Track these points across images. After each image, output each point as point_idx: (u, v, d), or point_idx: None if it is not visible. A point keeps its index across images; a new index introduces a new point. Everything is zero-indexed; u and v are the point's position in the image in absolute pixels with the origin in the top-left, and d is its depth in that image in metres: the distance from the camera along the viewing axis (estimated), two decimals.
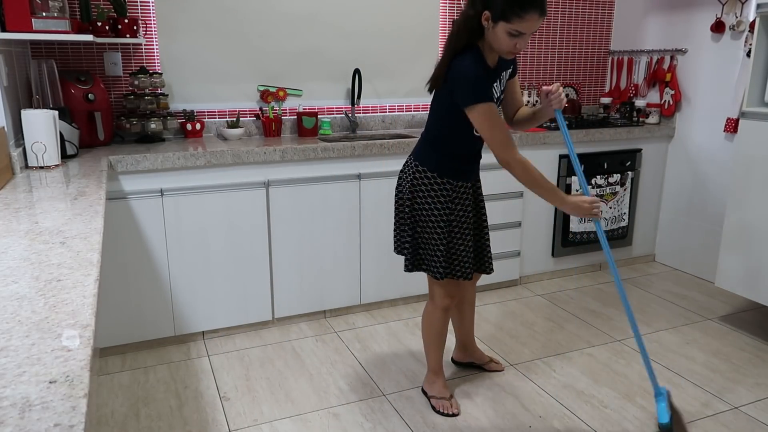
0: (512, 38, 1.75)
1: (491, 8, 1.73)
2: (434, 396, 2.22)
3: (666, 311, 3.10)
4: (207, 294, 2.68)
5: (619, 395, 2.31)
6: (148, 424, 2.11)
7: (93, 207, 1.61)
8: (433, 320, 2.17)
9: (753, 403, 2.26)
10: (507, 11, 1.70)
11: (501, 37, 1.76)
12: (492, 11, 1.73)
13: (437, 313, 2.15)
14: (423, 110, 3.55)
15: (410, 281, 3.09)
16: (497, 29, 1.75)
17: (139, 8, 2.84)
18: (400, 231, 2.12)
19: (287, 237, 2.77)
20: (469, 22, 1.80)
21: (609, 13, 3.92)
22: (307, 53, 3.20)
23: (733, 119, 3.23)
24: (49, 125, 2.14)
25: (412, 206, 2.02)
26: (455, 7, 3.47)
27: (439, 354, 2.23)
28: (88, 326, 0.89)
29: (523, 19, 1.70)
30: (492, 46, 1.82)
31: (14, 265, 1.15)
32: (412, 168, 2.03)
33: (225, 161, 2.58)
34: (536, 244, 3.40)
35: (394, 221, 2.15)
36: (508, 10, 1.70)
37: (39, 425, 0.66)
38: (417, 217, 2.02)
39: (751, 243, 2.70)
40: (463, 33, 1.81)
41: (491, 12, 1.74)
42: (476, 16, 1.78)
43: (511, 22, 1.71)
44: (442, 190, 1.99)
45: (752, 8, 3.09)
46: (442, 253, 2.01)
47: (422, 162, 2.00)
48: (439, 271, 2.03)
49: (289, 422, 2.13)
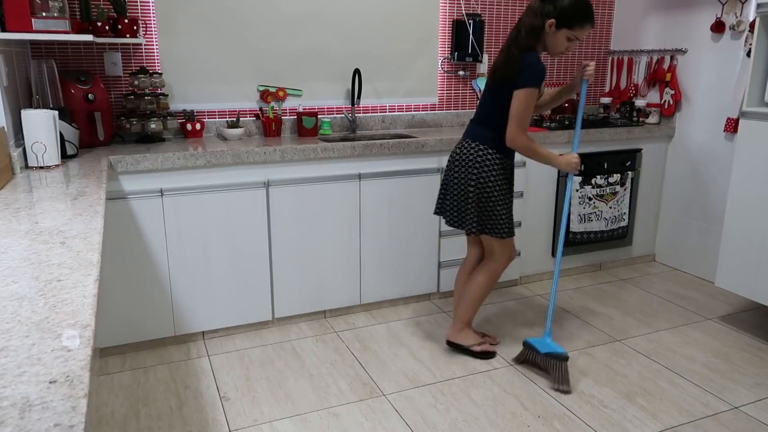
0: (568, 42, 2.26)
1: (557, 18, 2.21)
2: (473, 344, 2.59)
3: (666, 311, 3.10)
4: (207, 294, 2.68)
5: (619, 395, 2.31)
6: (148, 424, 2.11)
7: (93, 207, 1.61)
8: (494, 276, 2.53)
9: (753, 403, 2.26)
10: (573, 21, 2.21)
11: (560, 41, 2.25)
12: (557, 20, 2.21)
13: (500, 269, 2.52)
14: (423, 110, 3.55)
15: (410, 281, 3.10)
16: (559, 34, 2.23)
17: (139, 8, 2.84)
18: (461, 205, 2.44)
19: (287, 237, 2.77)
20: (535, 29, 2.25)
21: (609, 13, 3.92)
22: (307, 53, 3.20)
23: (733, 119, 3.23)
24: (49, 125, 2.14)
25: (478, 180, 2.37)
26: (455, 7, 3.47)
27: (477, 310, 2.60)
28: (88, 326, 0.89)
29: (583, 27, 2.23)
30: (547, 46, 2.29)
31: (14, 265, 1.15)
32: (473, 148, 2.38)
33: (225, 161, 2.58)
34: (536, 244, 3.40)
35: (451, 199, 2.46)
36: (573, 20, 2.21)
37: (39, 425, 0.66)
38: (483, 188, 2.37)
39: (751, 243, 2.70)
40: (531, 37, 2.25)
41: (557, 20, 2.21)
42: (540, 25, 2.23)
43: (573, 29, 2.22)
44: (501, 163, 2.38)
45: (752, 8, 3.09)
46: (505, 216, 2.41)
47: (483, 141, 2.37)
48: (505, 231, 2.42)
49: (289, 422, 2.14)
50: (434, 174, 3.00)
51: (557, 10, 2.20)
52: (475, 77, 3.63)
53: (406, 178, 2.95)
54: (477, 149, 2.37)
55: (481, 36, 3.49)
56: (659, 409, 2.22)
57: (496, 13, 3.60)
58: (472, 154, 2.38)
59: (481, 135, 2.38)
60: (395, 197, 2.95)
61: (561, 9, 2.20)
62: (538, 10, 2.24)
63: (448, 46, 3.53)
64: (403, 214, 2.99)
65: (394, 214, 2.97)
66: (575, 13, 2.20)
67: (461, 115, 3.65)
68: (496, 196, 2.37)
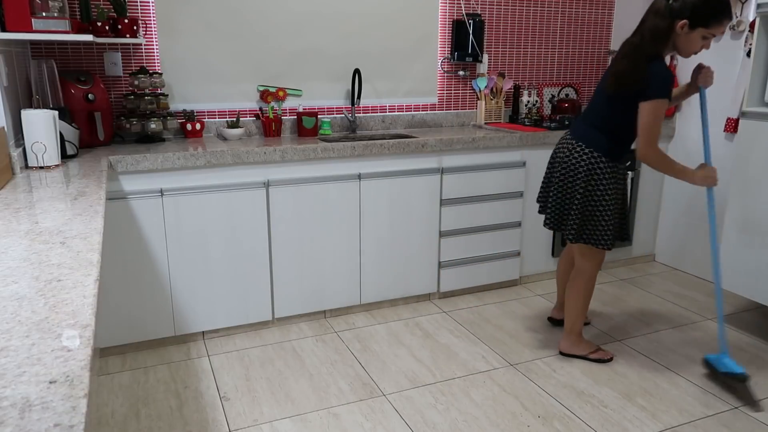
0: (704, 40, 2.12)
1: (690, 17, 2.07)
2: (590, 352, 2.56)
3: (666, 311, 3.10)
4: (207, 294, 2.68)
5: (619, 395, 2.31)
6: (148, 424, 2.11)
7: (93, 207, 1.61)
8: (590, 286, 2.49)
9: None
10: (710, 19, 2.07)
11: (695, 41, 2.12)
12: (690, 20, 2.08)
13: (593, 273, 2.48)
14: (422, 110, 3.55)
15: (410, 281, 3.10)
16: (693, 34, 2.11)
17: (139, 8, 2.84)
18: (563, 208, 2.41)
19: (287, 237, 2.77)
20: (660, 33, 2.13)
21: (609, 13, 3.93)
22: (307, 53, 3.20)
23: (733, 119, 3.23)
24: (49, 125, 2.14)
25: (587, 187, 2.31)
26: (455, 7, 3.47)
27: (584, 317, 2.58)
28: (88, 326, 0.89)
29: (721, 23, 2.09)
30: (679, 48, 2.17)
31: (14, 265, 1.15)
32: (586, 154, 2.31)
33: (225, 161, 2.58)
34: (536, 244, 3.40)
35: (554, 199, 2.43)
36: (711, 18, 2.07)
37: (39, 425, 0.66)
38: (591, 196, 2.32)
39: (751, 243, 2.70)
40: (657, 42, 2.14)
41: (690, 20, 2.08)
42: (668, 27, 2.11)
43: (710, 27, 2.08)
44: (612, 172, 2.32)
45: (752, 8, 3.09)
46: (611, 225, 2.34)
47: (596, 148, 2.30)
48: (608, 242, 2.36)
49: (289, 422, 2.14)
50: (434, 174, 3.00)
51: (689, 8, 2.05)
52: (475, 77, 3.63)
53: (406, 178, 2.95)
54: (590, 156, 2.30)
55: (481, 36, 3.49)
56: (659, 409, 2.22)
57: (496, 13, 3.60)
58: (583, 159, 2.31)
59: (595, 141, 2.30)
60: (395, 197, 2.95)
61: (693, 7, 2.05)
62: (665, 11, 2.10)
63: (448, 46, 3.53)
64: (403, 214, 2.99)
65: (394, 214, 2.97)
66: (710, 9, 2.05)
67: (461, 115, 3.65)
68: (604, 205, 2.31)
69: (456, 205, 3.10)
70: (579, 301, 2.51)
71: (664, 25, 2.11)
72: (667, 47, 2.16)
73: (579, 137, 2.34)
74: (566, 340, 2.59)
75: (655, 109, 2.13)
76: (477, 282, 3.27)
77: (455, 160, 3.04)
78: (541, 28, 3.75)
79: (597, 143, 2.29)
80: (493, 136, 3.09)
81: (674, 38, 2.14)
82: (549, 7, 3.74)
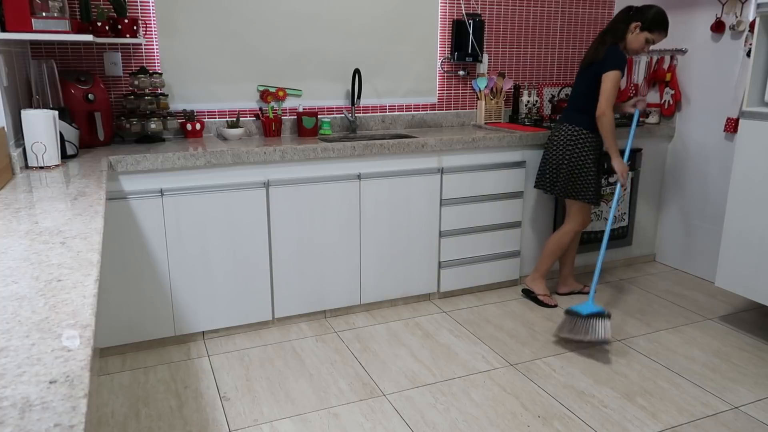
0: (646, 44, 2.80)
1: (642, 21, 2.76)
2: (540, 293, 3.13)
3: (666, 311, 3.10)
4: (207, 294, 2.68)
5: (619, 395, 2.31)
6: (148, 424, 2.11)
7: (93, 207, 1.61)
8: (567, 238, 3.03)
9: (753, 403, 2.26)
10: (653, 26, 2.76)
11: (640, 41, 2.79)
12: (642, 23, 2.76)
13: (572, 234, 3.02)
14: (422, 110, 3.55)
15: (410, 281, 3.10)
16: (640, 35, 2.78)
17: (139, 8, 2.84)
18: (553, 173, 2.97)
19: (287, 237, 2.77)
20: (619, 30, 2.81)
21: (609, 13, 3.92)
22: (307, 53, 3.20)
23: (733, 119, 3.23)
24: (49, 125, 2.14)
25: (572, 153, 2.89)
26: (455, 7, 3.47)
27: (552, 263, 3.11)
28: (88, 326, 0.89)
29: (661, 33, 2.79)
30: (628, 44, 2.82)
31: (14, 265, 1.15)
32: (570, 130, 2.90)
33: (225, 161, 2.58)
34: (536, 244, 3.39)
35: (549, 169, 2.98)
36: (653, 26, 2.76)
37: (39, 425, 0.66)
38: (576, 160, 2.89)
39: (751, 243, 2.70)
40: (616, 34, 2.81)
41: (641, 24, 2.76)
42: (626, 26, 2.79)
43: (652, 33, 2.77)
44: (592, 140, 2.89)
45: (752, 8, 3.09)
46: (594, 184, 2.91)
47: (578, 123, 2.89)
48: (592, 197, 2.92)
49: (289, 422, 2.14)
50: (434, 174, 3.00)
51: (643, 16, 2.75)
52: (475, 77, 3.63)
53: (406, 178, 2.95)
54: (573, 130, 2.89)
55: (481, 36, 3.49)
56: (659, 409, 2.22)
57: (496, 13, 3.60)
58: (569, 133, 2.90)
59: (577, 119, 2.89)
60: (395, 197, 2.95)
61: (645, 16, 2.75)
62: (626, 17, 2.79)
63: (448, 46, 3.53)
64: (403, 214, 2.99)
65: (394, 214, 2.97)
66: (657, 20, 2.75)
67: (461, 115, 3.65)
68: (588, 167, 2.88)
69: (456, 205, 3.10)
70: (550, 247, 3.06)
71: (624, 26, 2.80)
72: (623, 42, 2.81)
73: (565, 119, 2.94)
74: (531, 276, 3.16)
75: (613, 77, 2.73)
76: (477, 282, 3.27)
77: (455, 160, 3.04)
78: (541, 28, 3.75)
79: (579, 120, 2.89)
80: (493, 136, 3.09)
81: (627, 37, 2.80)
82: (549, 7, 3.74)
